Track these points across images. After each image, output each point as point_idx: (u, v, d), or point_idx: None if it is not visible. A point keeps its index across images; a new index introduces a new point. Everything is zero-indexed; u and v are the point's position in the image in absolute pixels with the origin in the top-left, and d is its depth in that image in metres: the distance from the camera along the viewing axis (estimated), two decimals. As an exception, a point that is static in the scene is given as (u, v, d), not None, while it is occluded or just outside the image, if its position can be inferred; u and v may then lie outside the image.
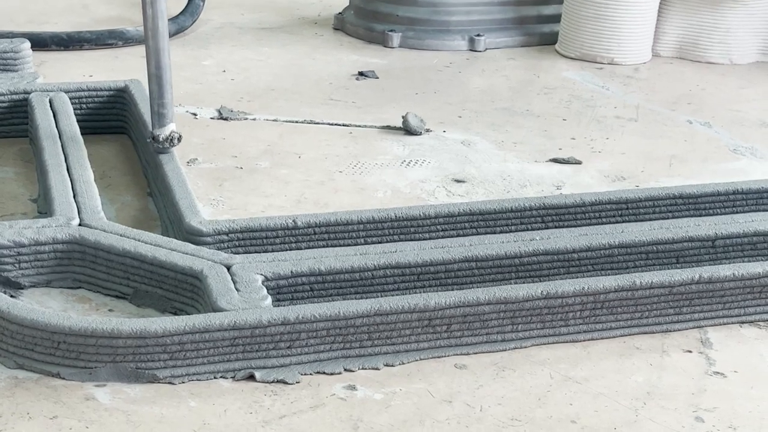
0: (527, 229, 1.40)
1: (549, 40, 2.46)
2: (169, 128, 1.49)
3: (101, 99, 1.80)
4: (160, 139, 1.48)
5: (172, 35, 2.34)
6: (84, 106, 1.79)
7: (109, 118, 1.80)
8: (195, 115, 1.89)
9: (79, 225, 1.28)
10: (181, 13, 2.40)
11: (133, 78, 1.83)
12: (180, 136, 1.50)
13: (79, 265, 1.25)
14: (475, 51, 2.39)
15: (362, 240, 1.34)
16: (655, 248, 1.33)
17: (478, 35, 2.39)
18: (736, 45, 2.41)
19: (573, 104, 2.07)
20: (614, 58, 2.34)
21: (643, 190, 1.51)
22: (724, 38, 2.40)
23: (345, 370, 1.10)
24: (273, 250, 1.30)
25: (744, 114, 2.07)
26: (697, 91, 2.21)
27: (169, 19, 2.34)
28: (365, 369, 1.11)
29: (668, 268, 1.32)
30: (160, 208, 1.46)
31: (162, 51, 1.46)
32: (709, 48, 2.41)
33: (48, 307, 1.21)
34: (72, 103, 1.73)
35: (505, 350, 1.16)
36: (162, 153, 1.49)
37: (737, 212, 1.49)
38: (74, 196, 1.36)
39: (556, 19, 2.46)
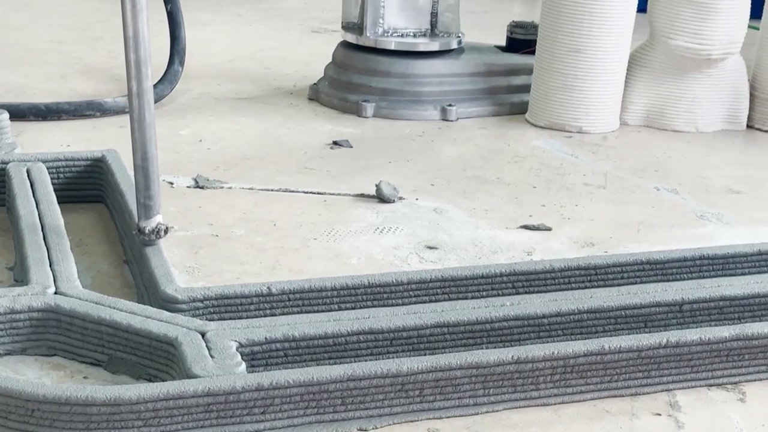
0: (498, 295, 1.42)
1: (519, 110, 2.52)
2: (156, 220, 1.44)
3: (78, 168, 1.82)
4: (146, 232, 1.44)
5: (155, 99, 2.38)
6: (61, 175, 1.80)
7: (87, 187, 1.82)
8: (171, 183, 1.91)
9: (55, 293, 1.29)
10: (159, 81, 2.43)
11: (110, 148, 1.85)
12: (167, 228, 1.45)
13: (55, 333, 1.26)
14: (447, 120, 2.44)
15: (336, 306, 1.36)
16: (623, 313, 1.35)
17: (450, 105, 2.45)
18: (702, 114, 2.48)
19: (543, 172, 2.11)
20: (583, 127, 2.40)
21: (612, 256, 1.53)
22: (690, 107, 2.47)
23: (319, 435, 1.11)
24: (248, 317, 1.31)
25: (710, 181, 2.12)
26: (664, 158, 2.27)
27: (157, 81, 2.39)
28: (339, 434, 1.12)
29: (636, 333, 1.34)
30: (136, 275, 1.47)
31: (149, 142, 1.41)
32: (675, 117, 2.47)
33: (23, 374, 1.21)
34: (49, 173, 1.75)
35: (477, 414, 1.17)
36: (148, 245, 1.43)
37: (704, 277, 1.53)
38: (50, 265, 1.37)
39: (525, 89, 2.52)
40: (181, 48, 2.45)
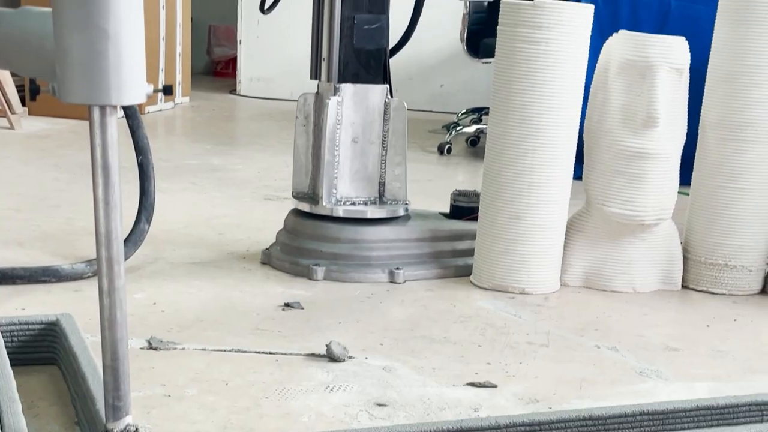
0: (445, 449, 1.46)
1: (464, 273, 2.61)
2: (125, 422, 1.36)
3: (33, 332, 1.85)
4: None
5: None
6: (15, 339, 1.83)
7: (40, 350, 1.85)
8: (125, 346, 1.94)
9: (7, 454, 1.30)
10: (124, 241, 2.47)
11: (64, 312, 1.89)
12: (137, 428, 1.37)
13: (6, 494, 1.26)
14: (395, 283, 2.52)
15: (286, 463, 1.38)
16: (565, 465, 1.39)
17: (398, 268, 2.53)
18: (638, 275, 2.59)
19: (488, 331, 2.18)
20: (525, 288, 2.49)
21: (555, 412, 1.58)
22: (627, 269, 2.58)
23: None
24: (199, 474, 1.33)
25: (648, 339, 2.20)
26: (603, 318, 2.35)
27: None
28: None
29: (578, 484, 1.38)
30: (88, 436, 1.48)
31: (120, 342, 1.33)
32: (613, 278, 2.58)
33: None
34: (3, 336, 1.77)
35: None
36: None
37: None
38: (1, 428, 1.38)
39: (470, 253, 2.62)
40: (149, 203, 2.49)
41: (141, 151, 2.45)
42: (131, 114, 2.42)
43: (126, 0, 1.18)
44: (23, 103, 5.01)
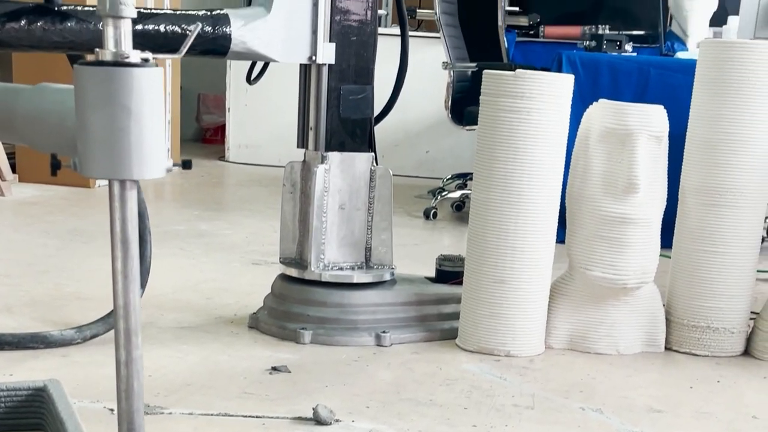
0: None
1: (450, 336, 2.63)
2: None
3: (20, 398, 1.86)
4: None
5: (101, 334, 2.44)
6: (2, 404, 1.83)
7: (28, 416, 1.85)
8: (112, 410, 1.95)
9: None
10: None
11: (52, 378, 1.90)
12: None
13: None
14: (382, 346, 2.54)
15: None
16: None
17: (384, 332, 2.56)
18: (622, 337, 2.62)
19: (473, 394, 2.20)
20: (510, 351, 2.51)
21: (539, 472, 1.61)
22: (610, 332, 2.61)
23: None
24: None
25: (632, 400, 2.23)
26: (588, 380, 2.38)
27: (100, 319, 2.45)
28: None
29: None
30: (76, 500, 1.49)
31: (136, 413, 1.34)
32: (597, 340, 2.61)
33: None
34: (-8, 401, 1.79)
35: None
36: None
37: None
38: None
39: (455, 316, 2.64)
40: (144, 268, 2.51)
41: (138, 217, 2.49)
42: (125, 181, 2.45)
43: (147, 77, 1.21)
44: (13, 170, 5.05)
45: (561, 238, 2.60)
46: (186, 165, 1.45)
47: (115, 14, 1.20)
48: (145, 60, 1.22)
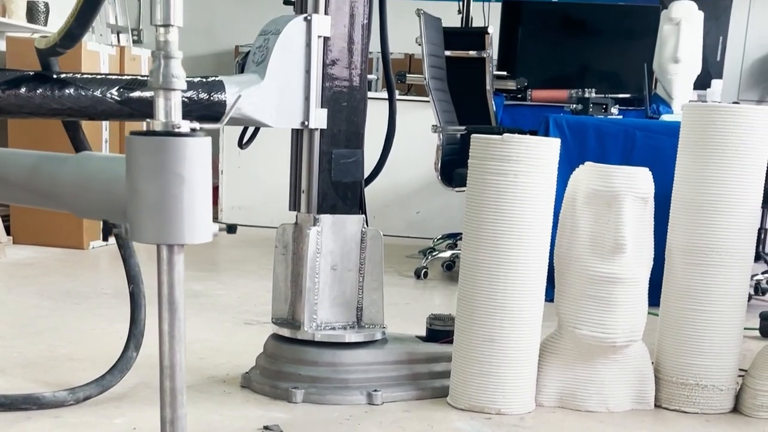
0: None
1: (441, 394, 2.65)
2: None
3: (15, 457, 1.88)
4: None
5: (95, 395, 2.45)
6: (-3, 464, 1.86)
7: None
8: (106, 470, 1.96)
9: None
10: (109, 370, 2.49)
11: (47, 436, 1.92)
12: None
13: None
14: (373, 405, 2.56)
15: None
16: None
17: (376, 391, 2.58)
18: (611, 395, 2.64)
19: (464, 452, 2.22)
20: (501, 408, 2.53)
21: None
22: (600, 390, 2.63)
23: None
24: None
25: (621, 459, 2.25)
26: (577, 438, 2.40)
27: (93, 380, 2.47)
28: None
29: None
30: None
31: None
32: (587, 398, 2.63)
33: None
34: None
35: None
36: None
37: None
38: None
39: (446, 375, 2.66)
40: (138, 331, 2.53)
41: (132, 280, 2.52)
42: (123, 243, 2.49)
43: (199, 146, 1.26)
44: (7, 232, 5.08)
45: (550, 296, 2.64)
46: (231, 229, 1.49)
47: (168, 87, 1.26)
48: (193, 129, 1.27)
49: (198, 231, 1.27)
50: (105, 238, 1.33)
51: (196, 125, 1.28)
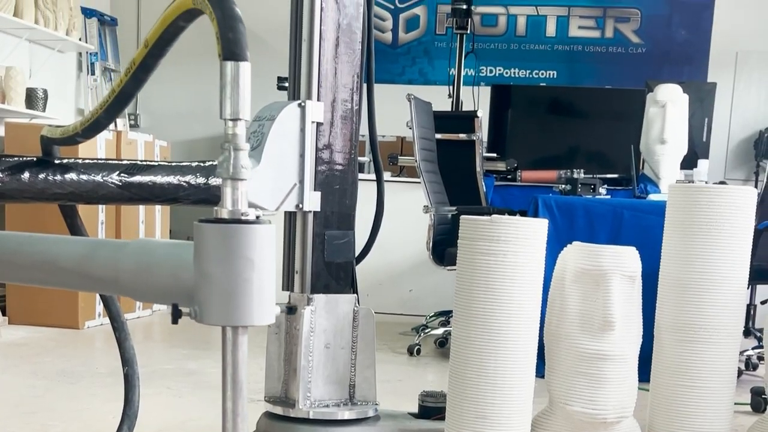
0: None
1: (434, 473, 2.65)
2: None
3: None
4: None
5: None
6: None
7: None
8: None
9: None
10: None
11: None
12: None
13: None
14: (367, 484, 2.56)
15: None
16: None
17: (369, 470, 2.58)
18: (603, 474, 2.64)
19: None
20: (493, 487, 2.54)
21: None
22: (592, 468, 2.64)
23: None
24: None
25: None
26: None
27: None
28: None
29: None
30: None
31: None
32: (578, 477, 2.63)
33: None
34: None
35: None
36: None
37: None
38: None
39: (439, 453, 2.67)
40: (132, 413, 2.53)
41: (127, 362, 2.54)
42: (119, 327, 2.52)
43: (267, 232, 1.32)
44: (3, 313, 5.10)
45: (541, 372, 2.66)
46: (291, 311, 1.53)
47: (237, 177, 1.31)
48: (258, 217, 1.32)
49: (264, 312, 1.32)
50: (175, 321, 1.37)
51: (260, 212, 1.33)
